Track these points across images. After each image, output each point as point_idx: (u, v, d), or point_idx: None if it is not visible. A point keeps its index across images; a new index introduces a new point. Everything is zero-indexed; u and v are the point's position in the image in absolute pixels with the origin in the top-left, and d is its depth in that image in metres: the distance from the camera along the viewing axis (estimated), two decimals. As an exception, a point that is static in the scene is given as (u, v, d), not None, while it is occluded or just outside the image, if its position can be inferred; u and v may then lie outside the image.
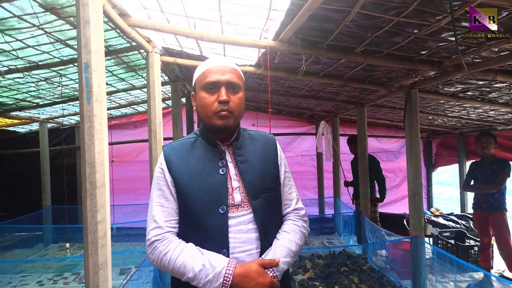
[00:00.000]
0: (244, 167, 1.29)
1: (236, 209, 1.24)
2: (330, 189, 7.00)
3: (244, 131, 1.40)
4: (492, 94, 3.72)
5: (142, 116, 7.22)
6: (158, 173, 1.29)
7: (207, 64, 1.28)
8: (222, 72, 1.25)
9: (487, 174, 4.00)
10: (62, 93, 4.67)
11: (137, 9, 2.48)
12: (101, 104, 1.67)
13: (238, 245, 1.21)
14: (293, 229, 1.33)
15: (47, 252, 5.87)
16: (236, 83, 1.25)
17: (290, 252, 1.25)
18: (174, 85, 4.43)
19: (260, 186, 1.28)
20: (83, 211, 1.65)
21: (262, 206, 1.27)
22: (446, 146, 7.80)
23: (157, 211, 1.25)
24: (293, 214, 1.39)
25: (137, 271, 3.17)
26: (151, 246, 1.22)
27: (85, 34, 1.62)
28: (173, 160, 1.28)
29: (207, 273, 1.11)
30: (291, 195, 1.41)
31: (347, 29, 2.30)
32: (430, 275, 4.04)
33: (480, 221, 4.16)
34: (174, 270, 1.16)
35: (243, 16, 2.44)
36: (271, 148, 1.39)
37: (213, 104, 1.23)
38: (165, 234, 1.22)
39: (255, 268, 1.15)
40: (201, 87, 1.26)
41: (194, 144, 1.33)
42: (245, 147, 1.34)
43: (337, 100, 5.03)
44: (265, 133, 1.45)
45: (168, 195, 1.26)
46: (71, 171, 6.90)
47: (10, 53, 3.09)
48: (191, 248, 1.19)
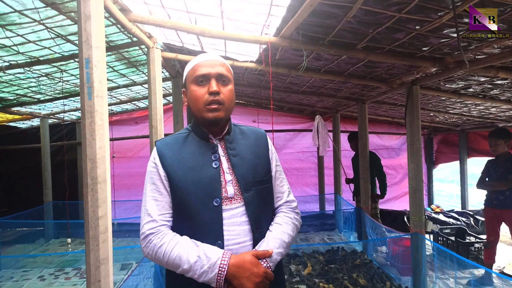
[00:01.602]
0: (236, 160, 1.31)
1: (230, 202, 1.26)
2: (330, 186, 7.00)
3: (235, 126, 1.43)
4: (493, 91, 3.71)
5: (143, 112, 7.22)
6: (151, 168, 1.31)
7: (197, 59, 1.32)
8: (212, 65, 1.28)
9: (500, 171, 3.98)
10: (63, 88, 4.67)
11: (138, 4, 2.47)
12: (102, 99, 1.67)
13: (232, 237, 1.23)
14: (286, 221, 1.36)
15: (48, 247, 5.89)
16: (226, 75, 1.29)
17: (283, 243, 1.28)
18: (175, 81, 4.43)
19: (252, 179, 1.30)
20: (84, 206, 1.66)
21: (254, 199, 1.29)
22: (447, 143, 7.80)
23: (151, 205, 1.26)
24: (285, 206, 1.42)
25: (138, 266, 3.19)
26: (146, 239, 1.23)
27: (86, 30, 1.62)
28: (166, 154, 1.29)
29: (202, 264, 1.13)
30: (283, 188, 1.44)
31: (349, 25, 2.29)
32: (430, 272, 4.04)
33: (489, 218, 4.14)
34: (169, 262, 1.18)
35: (244, 12, 2.43)
36: (262, 143, 1.42)
37: (203, 96, 1.26)
38: (159, 227, 1.23)
39: (249, 258, 1.17)
40: (192, 81, 1.29)
41: (186, 139, 1.34)
42: (236, 141, 1.37)
43: (338, 96, 5.02)
44: (256, 128, 1.48)
45: (161, 189, 1.27)
46: (72, 166, 6.90)
47: (11, 48, 3.09)
48: (186, 240, 1.20)
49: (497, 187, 3.95)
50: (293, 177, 7.47)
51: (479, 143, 6.88)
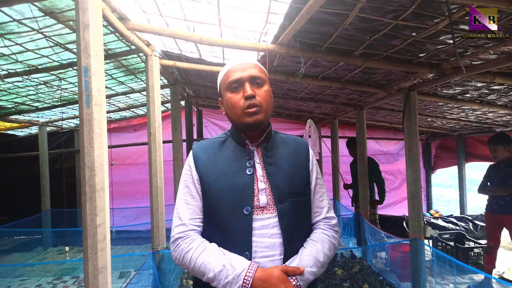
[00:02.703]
0: (272, 169, 1.25)
1: (261, 211, 1.20)
2: (329, 192, 6.99)
3: (276, 134, 1.37)
4: (490, 96, 3.73)
5: (141, 119, 7.24)
6: (186, 170, 1.29)
7: (228, 65, 1.28)
8: (243, 68, 1.24)
9: (501, 176, 3.97)
10: (61, 96, 4.67)
11: (137, 13, 2.49)
12: (101, 107, 1.68)
13: (261, 250, 1.17)
14: (322, 239, 1.26)
15: (46, 256, 5.86)
16: (259, 76, 1.24)
17: (317, 262, 1.18)
18: (173, 88, 4.44)
19: (287, 190, 1.23)
20: (83, 214, 1.65)
21: (289, 211, 1.21)
22: (445, 148, 7.82)
23: (182, 208, 1.24)
24: (323, 223, 1.33)
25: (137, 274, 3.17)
26: (175, 243, 1.21)
27: (85, 38, 1.62)
28: (201, 157, 1.27)
29: (227, 274, 1.09)
30: (322, 203, 1.36)
31: (346, 32, 2.30)
32: (429, 277, 4.03)
33: (490, 223, 4.13)
34: (195, 269, 1.14)
35: (242, 19, 2.45)
36: (303, 153, 1.34)
37: (239, 101, 1.21)
38: (188, 232, 1.21)
39: (277, 274, 1.10)
40: (226, 88, 1.25)
41: (223, 143, 1.31)
42: (275, 149, 1.30)
43: (336, 102, 5.04)
44: (297, 137, 1.41)
45: (194, 193, 1.25)
46: (71, 174, 6.89)
47: (10, 57, 3.10)
48: (213, 248, 1.16)
49: (497, 192, 3.95)
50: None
51: (477, 148, 6.90)
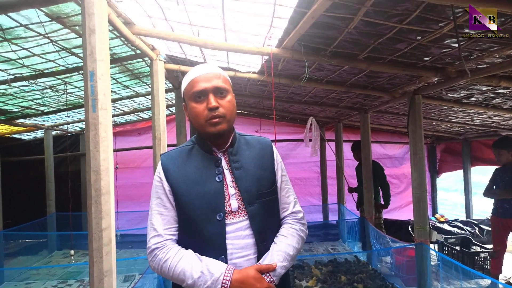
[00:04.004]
0: (240, 173, 1.30)
1: (233, 216, 1.25)
2: (334, 196, 6.97)
3: (240, 136, 1.41)
4: (496, 99, 3.71)
5: (146, 123, 7.25)
6: (156, 182, 1.32)
7: (192, 74, 1.29)
8: (208, 79, 1.25)
9: (506, 180, 3.95)
10: (67, 100, 4.70)
11: (142, 17, 2.51)
12: (106, 112, 1.69)
13: (236, 251, 1.23)
14: (291, 233, 1.34)
15: (51, 259, 5.88)
16: (223, 87, 1.26)
17: (287, 256, 1.27)
18: (178, 92, 4.45)
19: (256, 192, 1.29)
20: (88, 218, 1.66)
21: (258, 212, 1.28)
22: (451, 152, 7.77)
23: (156, 219, 1.27)
24: (291, 218, 1.40)
25: (141, 278, 3.17)
26: (152, 254, 1.24)
27: (91, 43, 1.64)
28: (170, 168, 1.30)
29: (206, 280, 1.14)
30: (289, 199, 1.42)
31: (350, 36, 2.31)
32: (435, 282, 4.00)
33: (496, 227, 4.09)
34: (174, 277, 1.19)
35: (246, 23, 2.46)
36: (267, 153, 1.40)
37: (203, 112, 1.24)
38: (164, 241, 1.25)
39: (252, 273, 1.17)
40: (190, 97, 1.28)
41: (191, 152, 1.34)
42: (240, 153, 1.35)
43: (340, 106, 5.03)
44: (261, 138, 1.46)
45: (166, 203, 1.28)
46: (76, 178, 6.92)
47: (16, 62, 3.12)
48: (190, 255, 1.21)
49: (502, 195, 3.93)
50: (296, 187, 7.43)
51: (483, 152, 6.85)
